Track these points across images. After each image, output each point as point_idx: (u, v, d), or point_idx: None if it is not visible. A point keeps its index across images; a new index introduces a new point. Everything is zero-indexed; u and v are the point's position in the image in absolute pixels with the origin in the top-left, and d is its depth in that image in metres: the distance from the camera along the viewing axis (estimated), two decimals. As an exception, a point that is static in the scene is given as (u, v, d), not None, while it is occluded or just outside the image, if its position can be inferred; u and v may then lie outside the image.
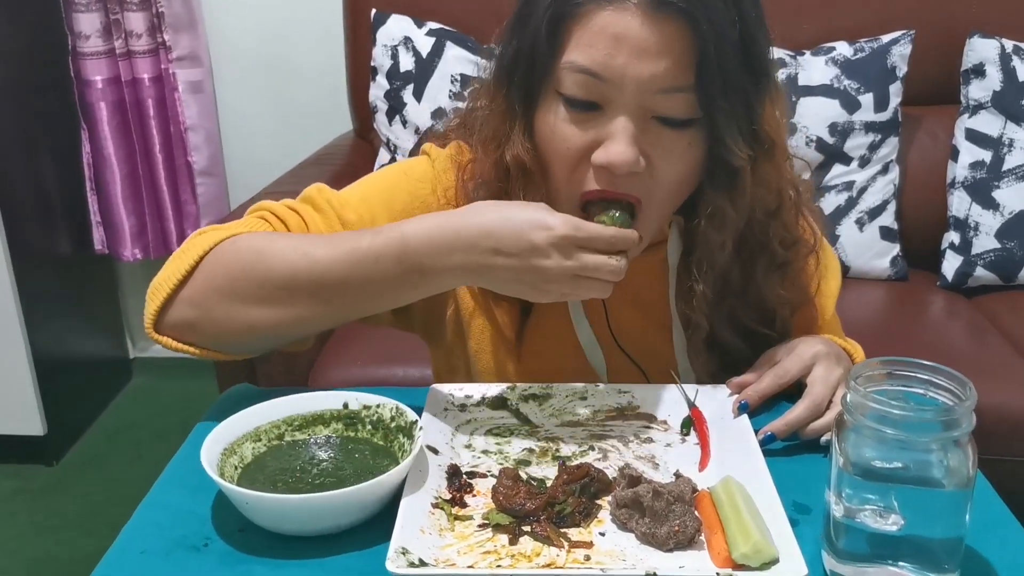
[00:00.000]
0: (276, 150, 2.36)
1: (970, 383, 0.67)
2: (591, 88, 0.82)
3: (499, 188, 0.91)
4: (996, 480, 0.85)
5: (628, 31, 0.79)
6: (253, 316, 0.84)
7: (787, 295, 0.95)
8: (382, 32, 2.03)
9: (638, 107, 0.81)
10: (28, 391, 2.17)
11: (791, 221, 0.93)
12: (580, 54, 0.81)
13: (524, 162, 0.88)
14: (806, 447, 0.86)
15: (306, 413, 0.85)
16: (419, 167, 0.97)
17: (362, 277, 0.82)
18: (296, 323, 0.86)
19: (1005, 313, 1.83)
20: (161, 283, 0.86)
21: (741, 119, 0.83)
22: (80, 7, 2.21)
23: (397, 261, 0.80)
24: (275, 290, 0.83)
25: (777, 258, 0.93)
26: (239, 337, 0.87)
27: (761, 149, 0.86)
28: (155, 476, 0.83)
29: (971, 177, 1.90)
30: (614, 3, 0.79)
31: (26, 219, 2.16)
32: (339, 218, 0.92)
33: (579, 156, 0.84)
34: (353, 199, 0.94)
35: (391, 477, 0.74)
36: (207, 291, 0.85)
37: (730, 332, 0.95)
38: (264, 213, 0.93)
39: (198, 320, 0.85)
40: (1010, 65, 1.89)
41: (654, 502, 0.72)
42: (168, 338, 0.87)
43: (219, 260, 0.85)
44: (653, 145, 0.83)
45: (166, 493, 0.81)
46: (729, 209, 0.87)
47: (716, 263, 0.90)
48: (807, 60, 1.92)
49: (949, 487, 0.67)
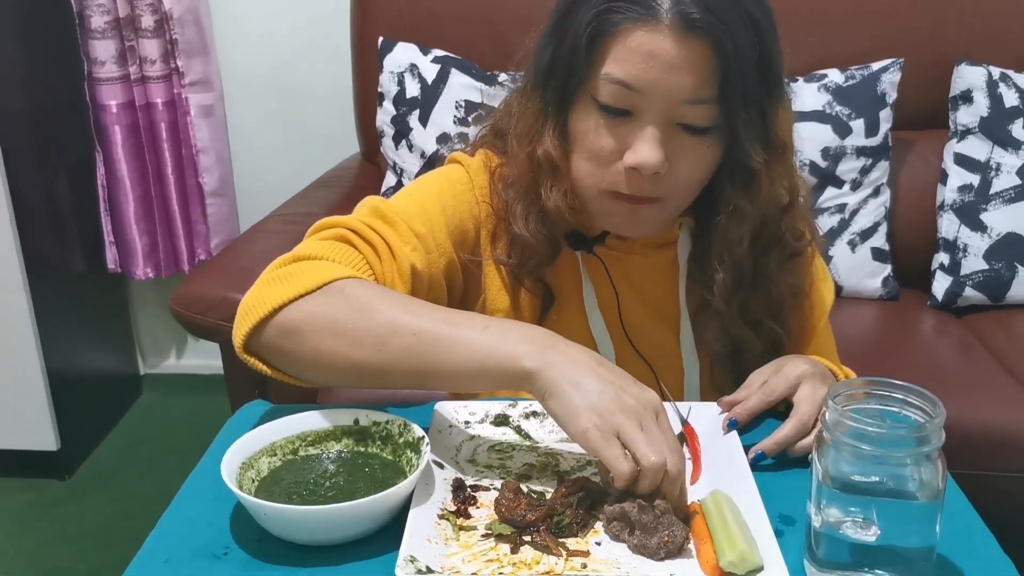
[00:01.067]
0: (285, 172, 2.39)
1: (939, 402, 0.71)
2: (624, 98, 0.89)
3: (530, 179, 0.98)
4: (982, 494, 0.88)
5: (660, 49, 0.87)
6: (349, 358, 0.85)
7: (797, 284, 1.02)
8: (389, 59, 2.07)
9: (665, 116, 0.89)
10: (42, 407, 2.20)
11: (800, 215, 1.01)
12: (616, 67, 0.89)
13: (553, 158, 0.95)
14: (793, 462, 0.89)
15: (319, 429, 0.88)
16: (456, 173, 1.04)
17: (457, 374, 0.83)
18: (376, 378, 0.87)
19: (993, 332, 1.85)
20: (255, 305, 0.87)
21: (758, 126, 0.91)
22: (96, 34, 2.25)
23: (505, 380, 0.81)
24: (377, 347, 0.84)
25: (788, 249, 1.00)
26: (328, 372, 0.88)
27: (775, 152, 0.94)
28: (165, 489, 0.86)
29: (960, 200, 1.94)
30: (648, 23, 0.87)
31: (42, 238, 2.19)
32: (411, 230, 0.96)
33: (610, 157, 0.92)
34: (414, 210, 0.98)
35: (399, 490, 0.77)
36: (310, 326, 0.85)
37: (741, 324, 1.01)
38: (343, 232, 0.94)
39: (290, 348, 0.87)
40: (997, 92, 1.93)
41: (641, 515, 0.75)
42: (254, 359, 0.89)
43: (328, 298, 0.86)
44: (675, 149, 0.91)
45: (188, 505, 0.84)
46: (747, 206, 0.95)
47: (735, 256, 0.98)
48: (800, 87, 1.96)
49: (922, 499, 0.70)
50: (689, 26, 0.86)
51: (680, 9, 0.86)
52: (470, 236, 1.03)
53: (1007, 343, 1.81)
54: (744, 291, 1.00)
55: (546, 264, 1.02)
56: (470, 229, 1.02)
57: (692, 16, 0.85)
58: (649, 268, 1.04)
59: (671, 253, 1.04)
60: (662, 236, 1.03)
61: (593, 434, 0.76)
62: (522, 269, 1.02)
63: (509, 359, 0.80)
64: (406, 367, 0.84)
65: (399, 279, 0.94)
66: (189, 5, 2.28)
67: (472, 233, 1.03)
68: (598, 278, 1.04)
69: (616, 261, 1.04)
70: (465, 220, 1.02)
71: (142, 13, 2.24)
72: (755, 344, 1.02)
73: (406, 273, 0.94)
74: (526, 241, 0.99)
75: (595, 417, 0.76)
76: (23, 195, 2.11)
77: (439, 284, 0.99)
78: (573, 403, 0.77)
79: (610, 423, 0.76)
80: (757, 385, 0.94)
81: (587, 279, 1.04)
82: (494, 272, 1.04)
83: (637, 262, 1.04)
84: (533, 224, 0.98)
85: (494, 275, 1.04)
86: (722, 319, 1.01)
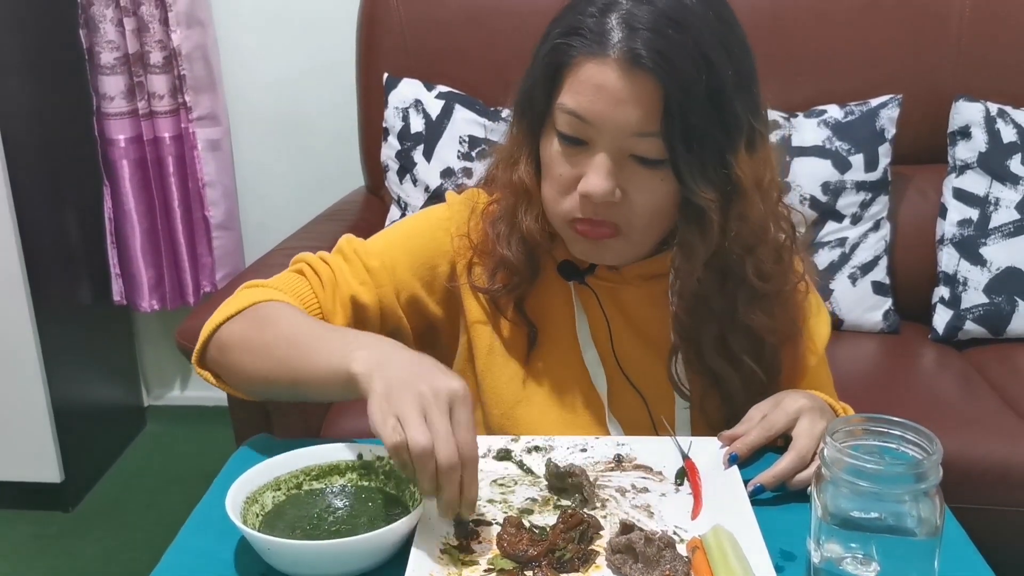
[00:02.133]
0: (290, 206, 2.41)
1: (936, 438, 0.72)
2: (577, 128, 0.93)
3: (512, 203, 1.02)
4: (983, 528, 0.88)
5: (607, 82, 0.90)
6: (256, 371, 0.95)
7: (773, 324, 1.02)
8: (394, 95, 2.10)
9: (616, 146, 0.92)
10: (47, 439, 2.21)
11: (770, 256, 1.00)
12: (570, 98, 0.92)
13: (526, 184, 1.00)
14: (793, 496, 0.89)
15: (323, 464, 0.89)
16: (437, 212, 1.09)
17: (315, 381, 0.90)
18: (280, 392, 0.97)
19: (994, 366, 1.85)
20: (207, 325, 0.99)
21: (709, 165, 0.92)
22: (106, 70, 2.29)
23: (343, 384, 0.87)
24: (265, 358, 0.94)
25: (757, 291, 0.99)
26: (251, 384, 0.97)
27: (731, 190, 0.94)
28: (169, 522, 0.87)
29: (959, 234, 1.95)
30: (598, 56, 0.90)
31: (49, 270, 2.21)
32: (364, 265, 1.04)
33: (568, 184, 0.95)
34: (377, 247, 1.06)
35: (402, 525, 0.78)
36: (231, 341, 0.97)
37: (719, 359, 1.02)
38: (302, 266, 1.05)
39: (222, 362, 0.98)
40: (995, 127, 1.94)
41: (646, 548, 0.76)
42: (208, 372, 1.00)
43: (247, 317, 0.97)
44: (629, 180, 0.93)
45: (192, 539, 0.85)
46: (697, 242, 0.96)
47: (687, 289, 0.99)
48: (800, 122, 1.98)
49: (920, 535, 0.71)
50: (634, 61, 0.89)
51: (628, 45, 0.89)
52: (441, 271, 1.06)
53: (1008, 377, 1.82)
54: (717, 326, 1.01)
55: (527, 285, 1.04)
56: (440, 264, 1.06)
57: (638, 52, 0.88)
58: (642, 299, 1.06)
59: (663, 285, 1.05)
60: (654, 267, 1.04)
61: (376, 416, 0.80)
62: (504, 292, 1.04)
63: (342, 364, 0.86)
64: (281, 375, 0.92)
65: (339, 307, 1.02)
66: (197, 42, 2.32)
67: (444, 268, 1.06)
68: (591, 309, 1.06)
69: (608, 291, 1.06)
70: (434, 257, 1.06)
71: (151, 50, 2.28)
72: (732, 377, 1.02)
73: (346, 301, 1.02)
74: (507, 261, 1.02)
75: (384, 402, 0.80)
76: (31, 227, 2.13)
77: (394, 316, 1.05)
78: (373, 397, 0.81)
79: (394, 406, 0.79)
80: (757, 419, 0.95)
81: (580, 310, 1.06)
82: (474, 304, 1.07)
83: (629, 292, 1.06)
84: (515, 244, 1.02)
85: (474, 307, 1.07)
86: (683, 352, 1.03)
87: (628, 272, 1.05)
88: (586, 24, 0.91)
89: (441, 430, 0.78)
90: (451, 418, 0.79)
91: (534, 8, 2.03)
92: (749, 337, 1.01)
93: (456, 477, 0.78)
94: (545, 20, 0.98)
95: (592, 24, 0.91)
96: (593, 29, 0.91)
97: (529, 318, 1.06)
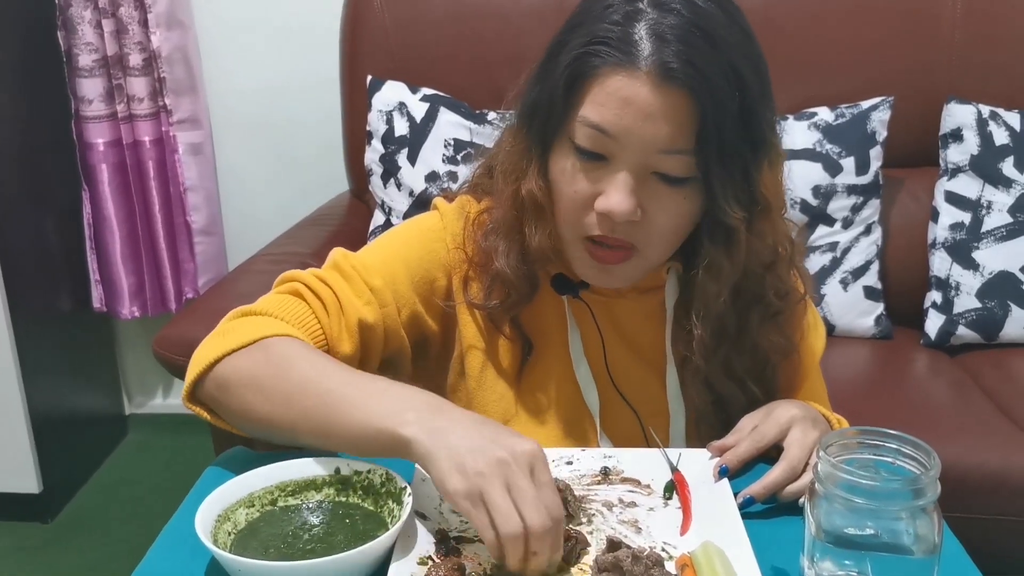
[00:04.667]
0: (273, 211, 2.39)
1: (934, 452, 0.70)
2: (600, 142, 0.88)
3: (514, 217, 0.97)
4: (977, 537, 0.87)
5: (637, 96, 0.85)
6: (266, 414, 0.88)
7: (781, 342, 1.00)
8: (377, 98, 2.08)
9: (640, 163, 0.88)
10: (24, 449, 2.18)
11: (785, 273, 0.99)
12: (593, 111, 0.88)
13: (537, 198, 0.94)
14: (785, 509, 0.88)
15: (299, 479, 0.86)
16: (429, 221, 1.04)
17: (350, 437, 0.83)
18: (293, 436, 0.88)
19: (987, 371, 1.84)
20: (199, 359, 0.91)
21: (738, 183, 0.89)
22: (84, 72, 2.25)
23: (390, 447, 0.81)
24: (287, 405, 0.86)
25: (772, 308, 0.98)
26: (257, 428, 0.90)
27: (757, 209, 0.91)
28: (150, 532, 0.85)
29: (951, 238, 1.94)
30: (627, 69, 0.86)
31: (26, 277, 2.18)
32: (366, 283, 0.97)
33: (585, 201, 0.91)
34: (375, 262, 0.99)
35: (380, 544, 0.76)
36: (238, 381, 0.89)
37: (726, 379, 1.00)
38: (298, 287, 0.97)
39: (225, 402, 0.90)
40: (987, 130, 1.93)
41: (633, 567, 0.74)
42: (200, 408, 0.92)
43: (255, 355, 0.89)
44: (650, 198, 0.89)
45: (161, 559, 0.82)
46: (726, 263, 0.93)
47: (712, 311, 0.96)
48: (790, 125, 1.97)
49: (918, 554, 0.69)
50: (667, 75, 0.84)
51: (660, 57, 0.85)
52: (439, 284, 1.02)
53: (1001, 383, 1.81)
54: (727, 347, 0.98)
55: (524, 302, 1.01)
56: (438, 278, 1.02)
57: (671, 66, 0.84)
58: (636, 313, 1.03)
59: (658, 298, 1.02)
60: (649, 281, 1.02)
61: (462, 503, 0.74)
62: (501, 309, 1.01)
63: (391, 427, 0.79)
64: (310, 427, 0.85)
65: (346, 333, 0.95)
66: (178, 43, 2.29)
67: (442, 281, 1.02)
68: (584, 323, 1.03)
69: (602, 305, 1.03)
70: (432, 270, 1.01)
71: (130, 52, 2.25)
72: (738, 398, 1.00)
73: (353, 327, 0.95)
74: (506, 277, 0.98)
75: (461, 480, 0.74)
76: (8, 233, 2.10)
77: (397, 336, 0.99)
78: (442, 466, 0.75)
79: (475, 485, 0.74)
80: (747, 430, 0.93)
81: (573, 324, 1.03)
82: (468, 320, 1.03)
83: (624, 306, 1.03)
84: (514, 261, 0.98)
85: (469, 322, 1.03)
86: (703, 375, 0.99)
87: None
88: (611, 33, 0.86)
89: (529, 496, 0.73)
90: (533, 479, 0.75)
91: (520, 10, 2.03)
92: (754, 356, 0.99)
93: (549, 542, 0.74)
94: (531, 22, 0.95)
95: (618, 33, 0.86)
96: (620, 38, 0.86)
97: (525, 332, 1.03)
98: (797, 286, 1.02)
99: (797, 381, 1.06)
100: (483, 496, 0.73)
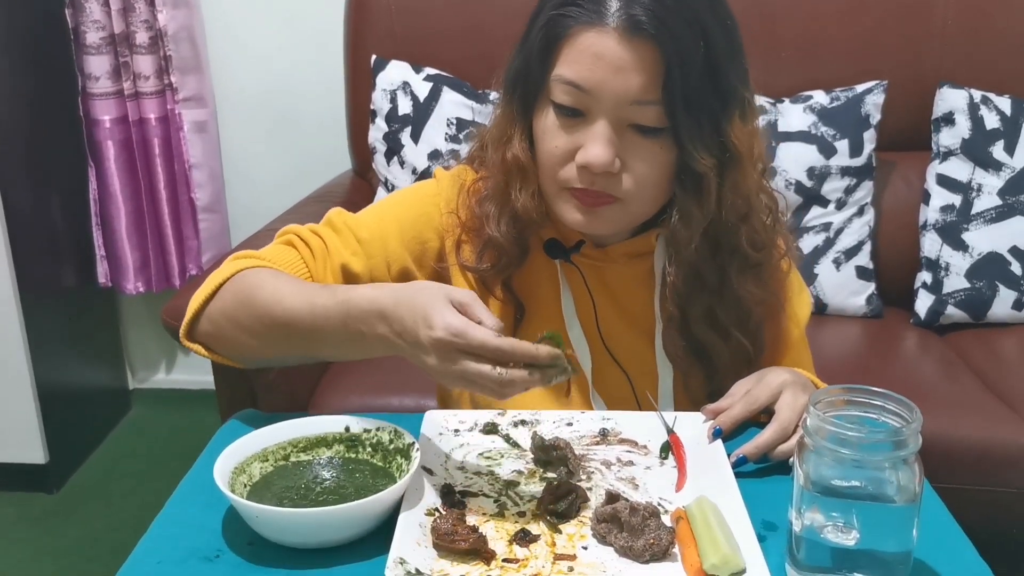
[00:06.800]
0: (277, 188, 2.40)
1: (916, 407, 0.73)
2: (576, 98, 0.93)
3: (504, 183, 1.01)
4: (963, 507, 0.90)
5: (607, 50, 0.90)
6: (249, 341, 0.96)
7: (760, 294, 1.03)
8: (381, 77, 2.10)
9: (615, 116, 0.92)
10: (31, 420, 2.20)
11: (759, 225, 1.02)
12: (567, 69, 0.92)
13: (521, 161, 0.99)
14: (775, 469, 0.91)
15: (310, 435, 0.89)
16: (426, 187, 1.09)
17: (318, 330, 0.90)
18: (280, 355, 0.98)
19: (975, 350, 1.88)
20: (195, 298, 0.99)
21: (706, 132, 0.93)
22: (91, 50, 2.27)
23: (342, 324, 0.88)
24: (260, 326, 0.94)
25: (750, 259, 1.01)
26: (245, 353, 0.98)
27: (727, 157, 0.95)
28: (154, 503, 0.87)
29: (942, 220, 1.97)
30: (596, 25, 0.90)
31: (33, 253, 2.20)
32: (355, 236, 1.03)
33: (565, 156, 0.95)
34: (368, 220, 1.05)
35: (390, 494, 0.79)
36: (220, 313, 0.97)
37: (708, 329, 1.03)
38: (291, 237, 1.04)
39: (214, 334, 0.98)
40: (978, 114, 1.96)
41: (631, 517, 0.77)
42: (199, 345, 1.00)
43: (232, 288, 0.97)
44: (627, 150, 0.93)
45: (180, 508, 0.85)
46: (695, 209, 0.97)
47: (684, 258, 1.00)
48: (786, 108, 2.00)
49: (899, 502, 0.72)
50: (634, 28, 0.89)
51: (627, 12, 0.89)
52: (431, 246, 1.06)
53: (988, 361, 1.84)
54: (708, 297, 1.02)
55: (515, 265, 1.05)
56: (431, 239, 1.06)
57: (638, 19, 0.89)
58: (626, 277, 1.07)
59: (648, 263, 1.06)
60: (639, 246, 1.05)
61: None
62: (492, 272, 1.05)
63: (344, 325, 0.87)
64: (294, 352, 0.96)
65: (331, 275, 1.02)
66: (184, 22, 2.31)
67: (434, 243, 1.06)
68: (576, 287, 1.07)
69: (594, 270, 1.06)
70: (424, 231, 1.06)
71: (137, 30, 2.27)
72: (722, 350, 1.04)
73: (337, 272, 1.02)
74: (497, 242, 1.03)
75: (429, 371, 0.83)
76: (15, 209, 2.12)
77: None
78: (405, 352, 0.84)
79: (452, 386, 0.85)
80: (740, 394, 0.96)
81: (566, 287, 1.06)
82: (462, 282, 1.07)
83: (615, 271, 1.07)
84: (504, 226, 1.02)
85: (462, 284, 1.07)
86: (676, 323, 1.03)
87: (614, 251, 1.06)
88: None
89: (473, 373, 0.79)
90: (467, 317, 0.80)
91: (523, -9, 2.04)
92: (737, 308, 1.03)
93: (523, 375, 0.79)
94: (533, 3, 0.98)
95: None
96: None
97: (517, 296, 1.07)
98: (779, 244, 1.06)
99: (783, 346, 1.09)
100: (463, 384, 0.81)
